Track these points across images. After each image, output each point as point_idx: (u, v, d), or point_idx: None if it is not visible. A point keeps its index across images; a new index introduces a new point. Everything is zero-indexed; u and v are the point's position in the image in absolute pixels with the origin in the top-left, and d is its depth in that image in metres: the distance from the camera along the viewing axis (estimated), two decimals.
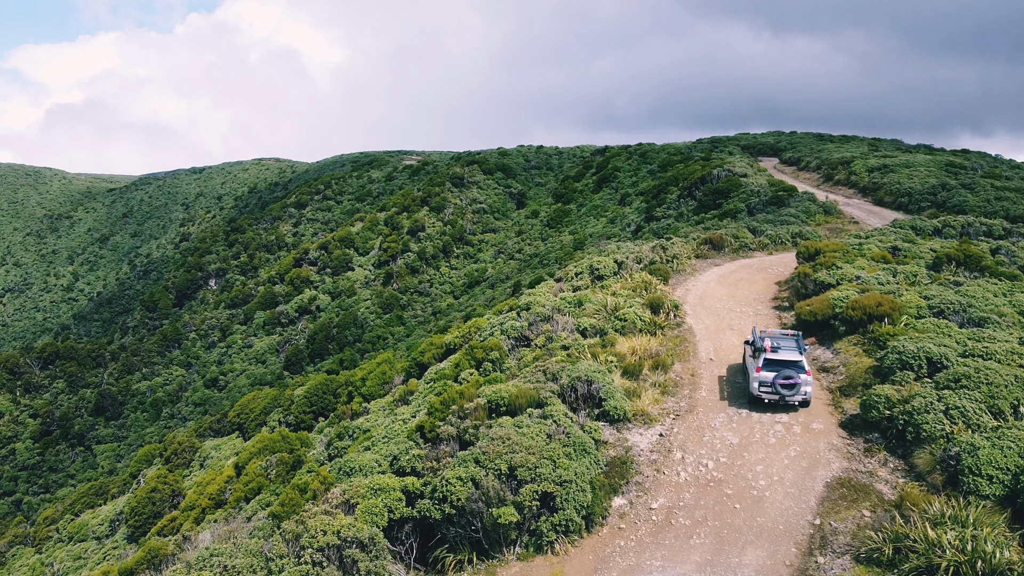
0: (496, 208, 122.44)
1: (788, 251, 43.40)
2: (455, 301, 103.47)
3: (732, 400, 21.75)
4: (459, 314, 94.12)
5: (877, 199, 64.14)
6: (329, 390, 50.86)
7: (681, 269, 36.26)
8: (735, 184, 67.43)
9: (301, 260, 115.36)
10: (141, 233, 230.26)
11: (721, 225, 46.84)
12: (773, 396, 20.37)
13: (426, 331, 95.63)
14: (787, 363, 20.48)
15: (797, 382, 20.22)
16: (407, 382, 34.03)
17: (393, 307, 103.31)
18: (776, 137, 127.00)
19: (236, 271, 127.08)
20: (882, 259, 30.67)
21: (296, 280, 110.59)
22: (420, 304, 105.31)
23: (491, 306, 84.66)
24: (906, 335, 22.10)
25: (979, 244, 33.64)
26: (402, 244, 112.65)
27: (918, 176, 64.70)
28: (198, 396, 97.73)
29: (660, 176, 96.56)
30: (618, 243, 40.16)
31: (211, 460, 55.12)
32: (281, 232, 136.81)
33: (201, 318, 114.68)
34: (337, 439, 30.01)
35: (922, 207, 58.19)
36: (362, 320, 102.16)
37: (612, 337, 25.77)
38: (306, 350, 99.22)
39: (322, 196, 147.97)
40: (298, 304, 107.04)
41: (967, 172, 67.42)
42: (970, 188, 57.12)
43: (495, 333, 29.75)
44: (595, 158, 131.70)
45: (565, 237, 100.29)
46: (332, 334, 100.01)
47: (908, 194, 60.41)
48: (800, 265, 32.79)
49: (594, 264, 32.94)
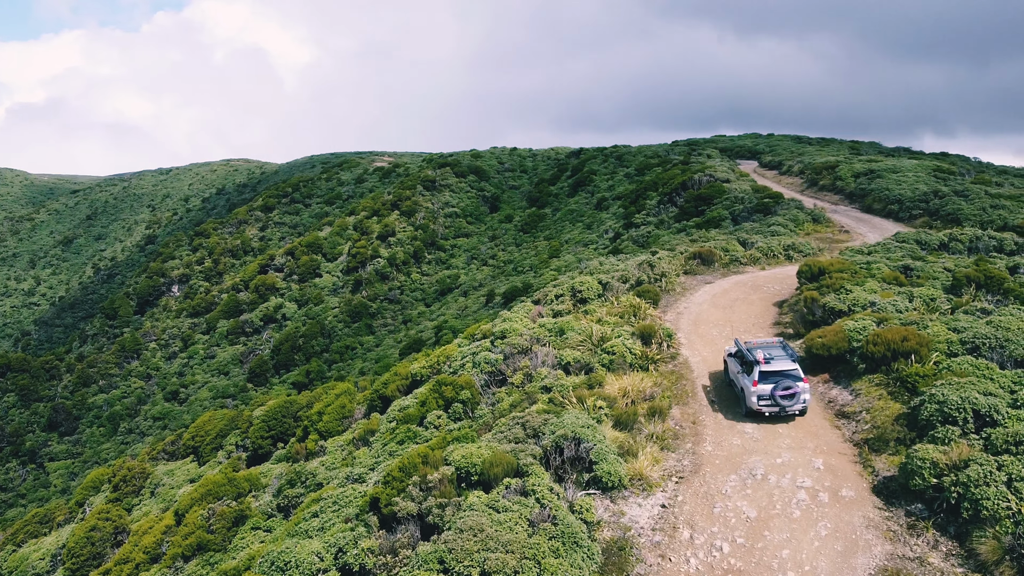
0: (469, 212, 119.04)
1: (782, 265, 40.51)
2: (426, 309, 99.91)
3: (743, 455, 18.60)
4: (430, 323, 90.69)
5: (865, 206, 61.63)
6: (289, 413, 47.28)
7: (671, 288, 33.16)
8: (718, 190, 64.63)
9: (267, 266, 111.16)
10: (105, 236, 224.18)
11: (708, 236, 43.87)
12: (773, 408, 20.02)
13: (396, 341, 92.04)
14: (783, 373, 20.17)
15: (796, 391, 19.98)
16: (369, 416, 30.62)
17: (362, 315, 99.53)
18: (754, 140, 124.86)
19: (200, 277, 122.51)
20: (894, 280, 27.75)
21: (261, 287, 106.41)
22: (390, 312, 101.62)
23: (463, 316, 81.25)
24: (942, 379, 19.07)
25: (994, 261, 30.89)
26: (372, 249, 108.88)
27: (907, 182, 62.28)
28: (157, 410, 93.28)
29: (638, 180, 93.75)
30: (600, 259, 37.04)
31: (163, 488, 51.26)
32: (247, 237, 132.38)
33: (162, 327, 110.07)
34: (288, 485, 26.52)
35: (914, 215, 55.72)
36: (330, 329, 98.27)
37: (599, 375, 22.54)
38: (271, 361, 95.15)
39: (290, 199, 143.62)
40: (263, 312, 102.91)
41: (956, 178, 65.17)
42: (964, 196, 54.70)
43: (466, 366, 26.43)
44: (570, 160, 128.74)
45: (540, 243, 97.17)
46: (298, 344, 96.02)
47: (899, 201, 57.92)
48: (803, 286, 29.80)
49: (576, 285, 29.77)
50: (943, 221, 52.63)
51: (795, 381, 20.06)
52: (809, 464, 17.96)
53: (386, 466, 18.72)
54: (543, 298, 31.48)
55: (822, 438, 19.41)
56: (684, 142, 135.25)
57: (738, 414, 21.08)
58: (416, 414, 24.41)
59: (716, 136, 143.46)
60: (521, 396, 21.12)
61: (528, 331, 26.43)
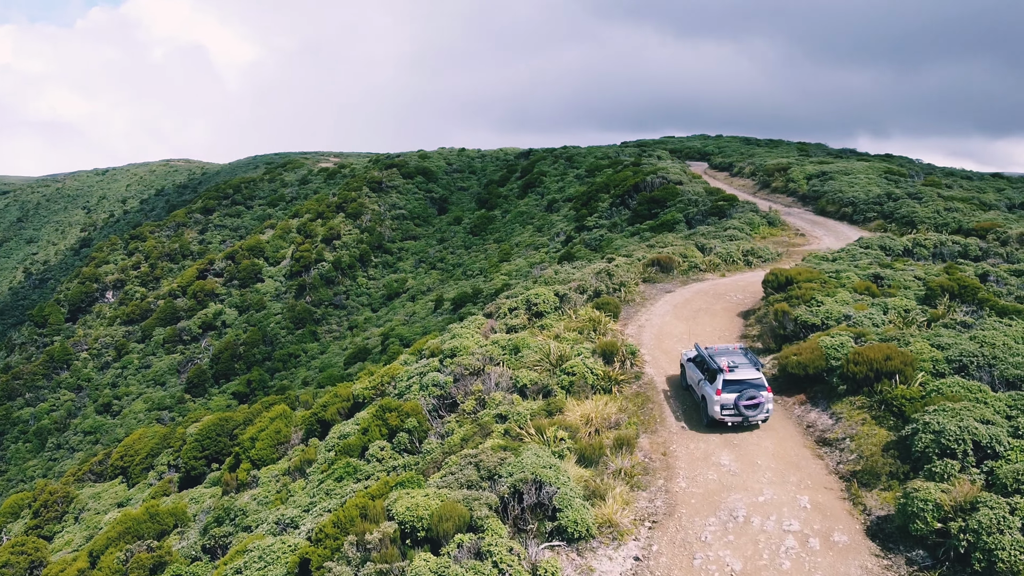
0: (417, 214, 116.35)
1: (741, 271, 39.09)
2: (373, 314, 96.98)
3: (721, 493, 16.75)
4: (377, 329, 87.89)
5: (819, 208, 60.92)
6: (225, 431, 44.43)
7: (630, 299, 31.33)
8: (671, 192, 63.35)
9: (206, 271, 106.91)
10: (37, 239, 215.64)
11: (666, 241, 42.27)
12: (736, 418, 19.33)
13: (342, 348, 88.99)
14: (747, 382, 19.45)
15: (761, 401, 19.30)
16: (307, 441, 28.14)
17: (306, 322, 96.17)
18: (703, 141, 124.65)
19: (136, 282, 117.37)
20: (866, 291, 26.33)
21: (200, 293, 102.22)
22: (336, 318, 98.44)
23: (411, 322, 78.70)
24: (932, 403, 17.49)
25: (963, 269, 29.75)
26: (316, 253, 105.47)
27: (860, 184, 61.77)
28: (89, 424, 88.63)
29: (589, 182, 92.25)
30: (556, 267, 35.06)
31: (88, 513, 47.87)
32: (186, 240, 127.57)
33: (95, 335, 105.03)
34: (215, 523, 23.93)
35: (868, 217, 55.08)
36: (272, 336, 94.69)
37: (559, 399, 20.52)
38: (210, 371, 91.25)
39: (231, 201, 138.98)
40: (202, 319, 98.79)
41: (907, 180, 64.98)
42: (917, 198, 54.20)
43: (413, 387, 24.17)
44: (520, 162, 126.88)
45: (490, 246, 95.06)
46: (239, 352, 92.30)
47: (852, 204, 57.27)
48: (770, 296, 28.22)
49: (531, 297, 27.74)
50: (898, 224, 52.02)
51: (759, 390, 19.36)
52: (795, 502, 16.18)
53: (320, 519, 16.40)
54: (496, 311, 29.37)
55: (805, 470, 17.68)
56: (633, 143, 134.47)
57: (711, 443, 19.25)
58: (357, 444, 22.08)
59: (665, 137, 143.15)
60: (474, 428, 18.97)
61: (480, 349, 24.29)
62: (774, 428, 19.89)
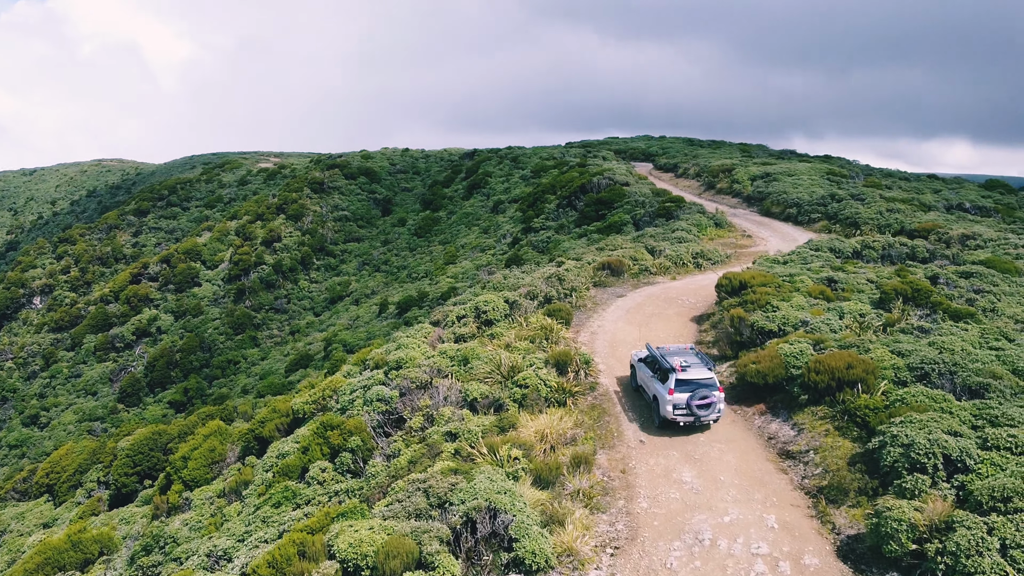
0: (360, 216, 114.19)
1: (692, 274, 38.60)
2: (316, 319, 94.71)
3: (685, 513, 15.90)
4: (320, 335, 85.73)
5: (764, 209, 61.11)
6: (158, 445, 42.39)
7: (581, 304, 30.45)
8: (618, 194, 62.89)
9: (140, 275, 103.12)
10: None
11: (616, 244, 41.57)
12: (688, 419, 19.27)
13: (283, 354, 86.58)
14: (699, 382, 19.39)
15: (713, 401, 19.25)
16: (244, 459, 26.58)
17: (246, 327, 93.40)
18: (647, 142, 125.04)
19: (65, 288, 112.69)
20: (820, 295, 25.90)
21: (134, 299, 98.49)
22: (277, 323, 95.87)
23: (355, 327, 76.82)
24: (897, 412, 16.95)
25: (914, 271, 29.63)
26: (256, 256, 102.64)
27: (803, 185, 62.18)
28: (14, 437, 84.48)
29: (534, 182, 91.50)
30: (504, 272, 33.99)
31: (10, 535, 45.22)
32: (118, 243, 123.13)
33: (21, 344, 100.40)
34: (143, 552, 22.29)
35: (813, 218, 55.36)
36: (210, 343, 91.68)
37: (512, 415, 19.48)
38: (145, 379, 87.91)
39: (166, 202, 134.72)
40: (136, 326, 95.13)
41: (849, 181, 65.70)
42: (860, 200, 54.65)
43: (356, 402, 22.86)
44: (464, 162, 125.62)
45: (436, 248, 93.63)
46: (175, 360, 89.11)
47: (797, 205, 57.53)
48: (724, 301, 27.62)
49: (480, 305, 26.63)
50: (842, 225, 52.35)
51: (711, 390, 19.33)
52: (761, 522, 15.41)
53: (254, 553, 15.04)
54: (443, 319, 28.18)
55: (770, 486, 16.95)
56: (578, 143, 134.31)
57: (671, 458, 18.42)
58: (297, 464, 20.70)
59: (609, 138, 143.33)
60: (422, 448, 17.80)
61: (427, 361, 23.10)
62: (735, 440, 19.18)
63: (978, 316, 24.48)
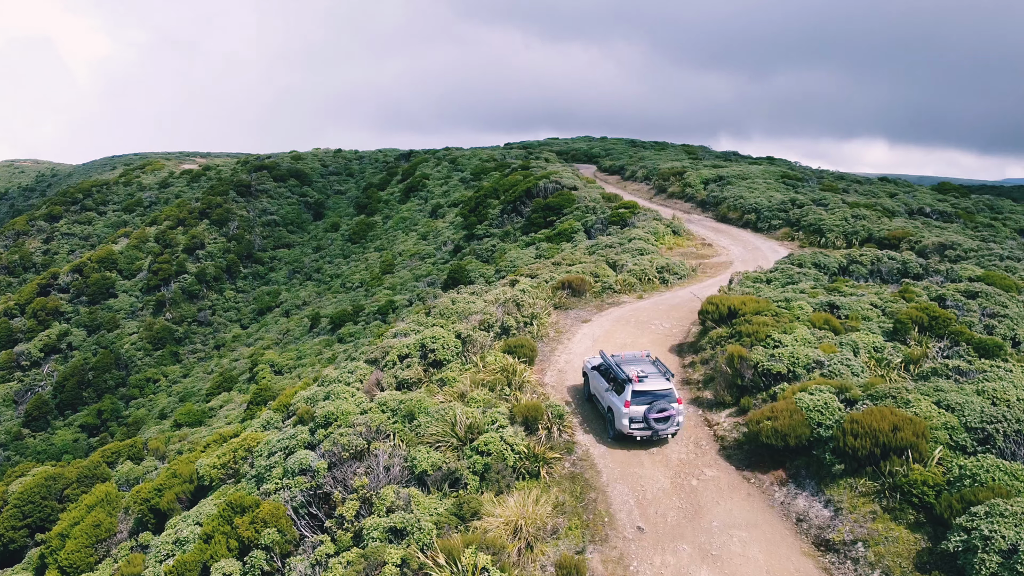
0: (290, 220, 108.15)
1: (659, 291, 34.83)
2: (243, 331, 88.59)
3: None
4: (247, 350, 79.82)
5: (720, 215, 58.05)
6: (52, 492, 36.87)
7: (544, 333, 26.26)
8: (567, 199, 59.03)
9: (49, 286, 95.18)
10: None
11: (575, 259, 37.50)
12: (645, 432, 18.18)
13: (206, 371, 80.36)
14: (657, 393, 18.30)
15: (672, 413, 18.19)
16: (137, 535, 21.61)
17: (166, 342, 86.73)
18: (588, 143, 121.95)
19: None
20: (825, 324, 22.23)
21: (41, 312, 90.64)
22: (200, 336, 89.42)
23: (285, 343, 71.25)
24: (977, 498, 13.19)
25: (918, 292, 26.27)
26: (177, 264, 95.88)
27: (759, 189, 59.35)
28: None
29: (475, 185, 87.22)
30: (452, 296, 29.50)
31: None
32: (27, 251, 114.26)
33: None
34: None
35: (773, 225, 52.40)
36: (127, 359, 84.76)
37: (472, 498, 15.18)
38: (54, 400, 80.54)
39: (81, 207, 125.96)
40: (44, 342, 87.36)
41: (806, 185, 63.23)
42: (823, 205, 51.88)
43: (274, 472, 18.22)
44: (400, 164, 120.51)
45: (371, 254, 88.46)
46: (88, 379, 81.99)
47: (756, 210, 54.52)
48: (712, 332, 23.74)
49: (427, 342, 22.20)
50: (805, 232, 49.48)
51: (670, 402, 18.26)
52: None
53: None
54: (382, 357, 23.65)
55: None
56: (518, 145, 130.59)
57: (682, 554, 14.36)
58: (196, 562, 16.00)
59: (550, 139, 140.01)
60: (359, 560, 13.33)
61: (363, 417, 18.58)
62: (757, 525, 15.22)
63: (1006, 349, 21.13)
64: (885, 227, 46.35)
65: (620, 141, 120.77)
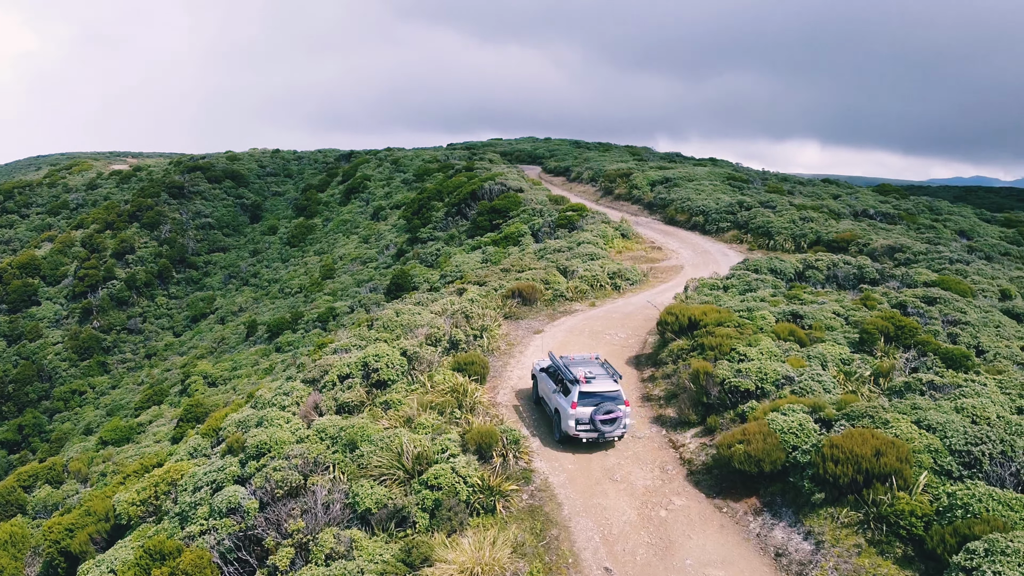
0: (226, 223, 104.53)
1: (611, 298, 33.67)
2: (176, 339, 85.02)
3: None
4: (180, 359, 76.54)
5: (668, 217, 57.38)
6: None
7: (495, 347, 24.78)
8: (513, 201, 57.67)
9: None
10: None
11: (524, 265, 36.08)
12: (592, 435, 17.99)
13: (136, 382, 76.82)
14: (604, 395, 18.12)
15: (618, 415, 18.01)
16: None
17: (94, 351, 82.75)
18: (532, 143, 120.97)
19: None
20: (790, 335, 21.25)
21: None
22: (131, 345, 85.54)
23: (219, 353, 68.30)
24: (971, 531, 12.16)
25: (878, 299, 25.57)
26: (106, 270, 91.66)
27: (706, 191, 58.90)
28: None
29: (418, 187, 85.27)
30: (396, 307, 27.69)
31: None
32: None
33: None
34: None
35: (721, 227, 51.88)
36: (51, 370, 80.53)
37: (423, 543, 13.62)
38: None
39: (1, 209, 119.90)
40: None
41: (751, 187, 63.05)
42: (771, 207, 51.55)
43: (200, 510, 16.38)
44: (341, 164, 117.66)
45: (311, 258, 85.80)
46: (8, 392, 77.65)
47: (704, 213, 53.97)
48: (672, 344, 22.57)
49: (370, 360, 20.49)
50: (754, 234, 49.02)
51: (617, 404, 18.07)
52: None
53: None
54: (321, 377, 21.87)
55: None
56: (461, 145, 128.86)
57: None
58: None
59: (493, 139, 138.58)
60: None
61: (300, 447, 16.85)
62: (733, 561, 14.01)
63: (972, 359, 20.43)
64: (833, 229, 46.12)
65: (564, 142, 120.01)
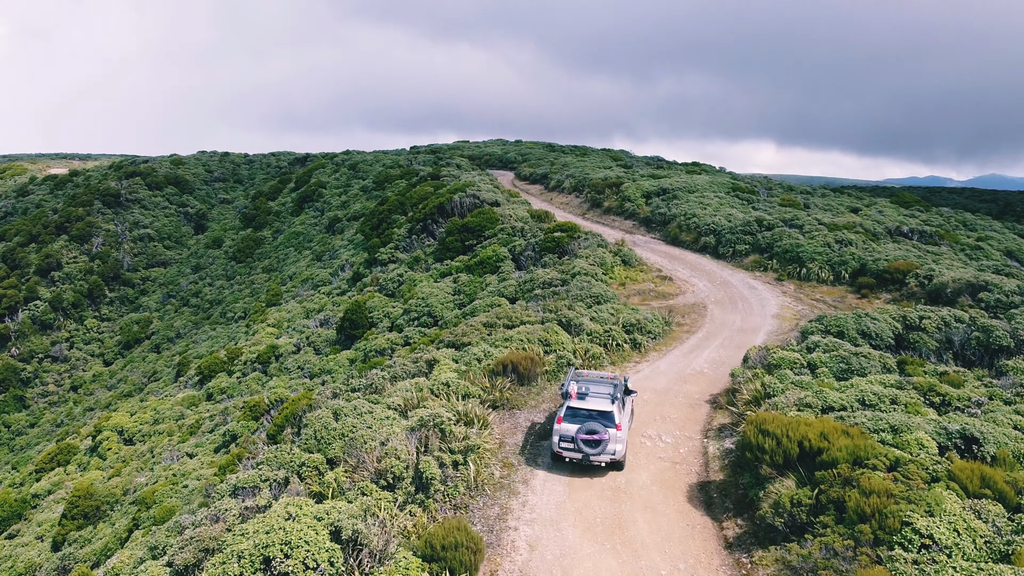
0: (167, 235, 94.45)
1: (632, 363, 25.11)
2: (106, 369, 75.08)
3: None
4: (108, 394, 66.70)
5: (670, 236, 49.04)
6: None
7: (484, 480, 16.06)
8: (489, 218, 48.94)
9: None
10: None
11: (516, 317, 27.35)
12: (575, 455, 16.52)
13: (55, 422, 66.77)
14: (592, 414, 16.57)
15: (603, 438, 16.30)
16: None
17: (9, 384, 72.47)
18: (502, 147, 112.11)
19: None
20: (983, 485, 12.83)
21: None
22: (54, 375, 75.36)
23: (146, 391, 58.60)
24: None
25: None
26: (27, 289, 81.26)
27: (712, 206, 50.70)
28: None
29: (378, 196, 76.11)
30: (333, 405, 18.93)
31: None
32: None
33: None
34: None
35: (738, 251, 43.69)
36: None
37: None
38: None
39: None
40: None
41: (761, 199, 54.98)
42: (797, 226, 43.44)
43: None
44: (295, 169, 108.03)
45: (258, 276, 76.29)
46: None
47: (715, 232, 45.74)
48: (780, 488, 14.02)
49: (274, 553, 11.57)
50: (780, 260, 40.89)
51: (604, 426, 16.38)
52: None
53: None
54: (196, 564, 13.05)
55: None
56: (426, 148, 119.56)
57: None
58: None
59: (460, 142, 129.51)
60: None
61: None
62: None
63: None
64: (880, 255, 38.13)
65: (537, 145, 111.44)
